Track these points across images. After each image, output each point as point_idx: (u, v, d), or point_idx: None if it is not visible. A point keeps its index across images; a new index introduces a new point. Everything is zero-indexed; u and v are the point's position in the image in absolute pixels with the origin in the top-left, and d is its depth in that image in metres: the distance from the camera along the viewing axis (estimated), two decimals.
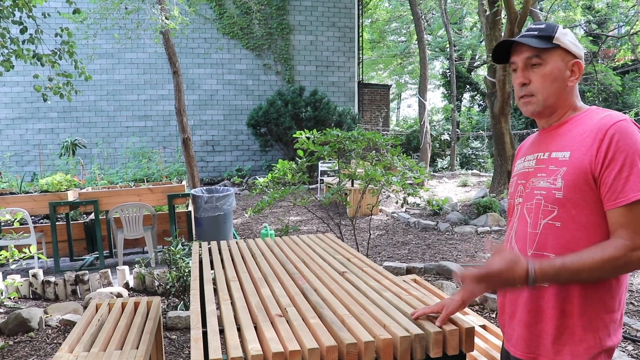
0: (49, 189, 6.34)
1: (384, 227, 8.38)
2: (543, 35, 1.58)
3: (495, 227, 7.63)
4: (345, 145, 5.01)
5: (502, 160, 9.39)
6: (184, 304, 4.59)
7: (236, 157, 14.35)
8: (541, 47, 1.57)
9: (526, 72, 1.62)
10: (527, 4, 8.05)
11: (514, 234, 1.67)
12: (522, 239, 1.62)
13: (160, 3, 8.61)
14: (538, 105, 1.61)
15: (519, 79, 1.63)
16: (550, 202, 1.52)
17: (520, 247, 1.61)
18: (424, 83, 14.09)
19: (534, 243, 1.57)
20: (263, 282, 2.28)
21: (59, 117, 13.21)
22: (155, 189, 6.54)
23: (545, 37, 1.58)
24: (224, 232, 6.84)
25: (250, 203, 10.62)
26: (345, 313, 1.83)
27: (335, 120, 12.88)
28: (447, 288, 4.77)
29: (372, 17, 25.81)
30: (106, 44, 12.90)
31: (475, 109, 24.18)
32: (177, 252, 4.55)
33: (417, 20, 14.57)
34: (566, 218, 1.50)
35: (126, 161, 12.98)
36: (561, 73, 1.58)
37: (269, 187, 5.16)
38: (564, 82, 1.59)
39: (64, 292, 5.18)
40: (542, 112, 1.63)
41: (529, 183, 1.63)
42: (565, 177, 1.50)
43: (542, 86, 1.59)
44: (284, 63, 14.27)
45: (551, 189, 1.52)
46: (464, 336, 1.68)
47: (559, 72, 1.58)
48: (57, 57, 5.78)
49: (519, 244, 1.62)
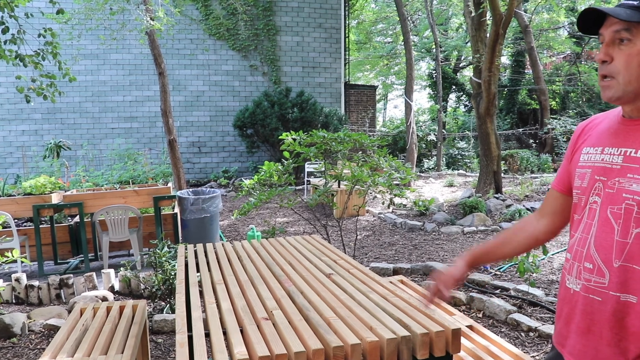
0: (32, 191, 6.27)
1: (370, 228, 8.38)
2: None
3: (481, 227, 7.66)
4: (332, 147, 5.01)
5: (488, 161, 9.43)
6: (170, 307, 4.56)
7: (223, 159, 14.30)
8: (633, 21, 1.30)
9: (611, 47, 1.37)
10: (511, 6, 8.11)
11: (593, 241, 1.43)
12: (606, 247, 1.38)
13: (145, 4, 8.56)
14: (617, 90, 1.37)
15: (600, 54, 1.39)
16: None
17: (604, 257, 1.38)
18: (410, 84, 14.12)
19: (623, 253, 1.34)
20: (249, 284, 2.27)
21: (43, 119, 13.08)
22: (140, 191, 6.50)
23: None
24: (210, 234, 6.81)
25: (237, 205, 10.58)
26: (331, 315, 1.82)
27: (322, 122, 12.87)
28: None
29: (358, 18, 25.86)
30: (91, 45, 12.80)
31: (461, 110, 24.31)
32: (163, 254, 4.52)
33: (403, 21, 14.60)
34: None
35: (112, 163, 12.88)
36: None
37: (255, 189, 5.14)
38: None
39: (48, 297, 5.12)
40: (622, 97, 1.38)
41: (614, 182, 1.40)
42: None
43: (626, 68, 1.34)
44: (271, 64, 14.24)
45: None
46: (450, 337, 1.68)
47: None
48: (41, 58, 5.72)
49: (601, 252, 1.39)
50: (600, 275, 1.38)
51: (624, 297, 1.33)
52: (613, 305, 1.36)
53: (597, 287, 1.39)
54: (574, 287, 1.47)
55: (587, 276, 1.42)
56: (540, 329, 3.89)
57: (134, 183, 8.89)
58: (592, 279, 1.40)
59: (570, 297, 1.49)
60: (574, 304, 1.48)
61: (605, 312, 1.38)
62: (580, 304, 1.45)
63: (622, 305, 1.34)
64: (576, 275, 1.46)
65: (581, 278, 1.44)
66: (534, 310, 4.44)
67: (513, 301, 4.60)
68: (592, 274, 1.40)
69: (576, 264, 1.48)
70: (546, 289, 5.00)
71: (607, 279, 1.36)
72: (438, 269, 5.46)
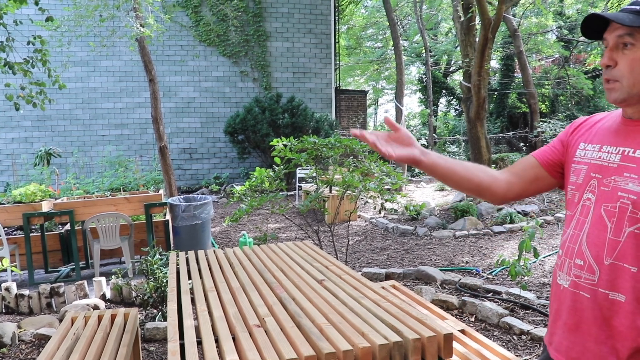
0: (22, 199, 6.23)
1: (362, 233, 8.39)
2: None
3: (472, 231, 7.68)
4: (322, 152, 5.01)
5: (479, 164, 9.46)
6: (162, 314, 4.54)
7: (214, 165, 14.28)
8: (636, 26, 1.33)
9: (615, 52, 1.40)
10: (500, 11, 8.16)
11: (585, 237, 1.44)
12: (598, 244, 1.40)
13: (135, 11, 8.55)
14: (622, 93, 1.39)
15: (603, 59, 1.42)
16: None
17: (595, 254, 1.40)
18: (401, 88, 14.19)
19: (615, 252, 1.36)
20: (241, 291, 2.27)
21: (33, 126, 13.02)
22: (132, 198, 6.47)
23: None
24: (202, 241, 6.79)
25: (228, 211, 10.56)
26: (323, 322, 1.82)
27: (313, 127, 12.89)
28: (426, 293, 4.79)
29: (348, 24, 25.94)
30: (81, 52, 12.76)
31: (452, 114, 24.42)
32: (154, 262, 4.51)
33: (392, 26, 14.68)
34: None
35: (102, 170, 12.82)
36: None
37: (246, 195, 5.14)
38: None
39: (39, 306, 5.08)
40: (626, 100, 1.40)
41: (609, 180, 1.42)
42: None
43: (630, 72, 1.36)
44: (261, 70, 14.25)
45: None
46: (442, 342, 1.68)
47: None
48: (30, 66, 5.70)
49: (592, 249, 1.40)
50: (591, 272, 1.39)
51: (613, 295, 1.34)
52: (601, 303, 1.37)
53: (586, 284, 1.40)
54: (564, 284, 1.48)
55: (577, 272, 1.43)
56: (532, 332, 3.91)
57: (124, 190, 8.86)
58: (582, 275, 1.41)
59: (560, 294, 1.50)
60: (563, 300, 1.50)
61: (593, 310, 1.39)
62: (568, 300, 1.47)
63: (611, 303, 1.35)
64: (567, 271, 1.47)
65: (571, 274, 1.45)
66: (526, 313, 4.45)
67: (505, 304, 4.62)
68: (582, 270, 1.41)
69: (567, 260, 1.49)
70: (538, 291, 5.02)
71: (597, 276, 1.37)
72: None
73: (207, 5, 13.62)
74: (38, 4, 5.60)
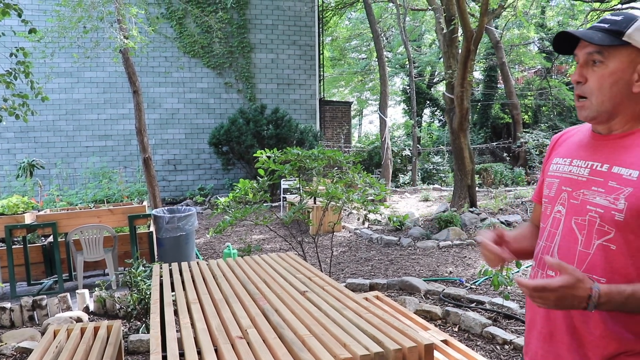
0: (4, 211, 6.18)
1: (346, 243, 8.41)
2: (613, 29, 1.37)
3: (456, 241, 7.74)
4: (306, 164, 5.04)
5: (462, 175, 9.55)
6: (146, 326, 4.52)
7: (198, 176, 14.24)
8: (604, 45, 1.36)
9: (585, 69, 1.43)
10: (482, 23, 8.27)
11: (557, 249, 1.48)
12: (568, 256, 1.44)
13: (119, 22, 8.55)
14: (591, 111, 1.43)
15: (574, 75, 1.45)
16: (607, 222, 1.36)
17: None
18: (385, 99, 14.28)
19: (584, 263, 1.39)
20: (224, 303, 2.28)
21: (15, 137, 12.91)
22: (115, 210, 6.44)
23: (614, 31, 1.36)
24: (186, 253, 6.77)
25: (212, 222, 10.54)
26: (305, 333, 1.84)
27: (297, 138, 12.92)
28: (409, 303, 4.81)
29: (332, 35, 26.08)
30: (65, 63, 12.70)
31: (436, 124, 24.59)
32: (138, 274, 4.49)
33: (376, 38, 14.79)
34: (621, 242, 1.34)
35: (86, 182, 12.75)
36: (624, 75, 1.37)
37: (230, 206, 5.14)
38: (627, 86, 1.37)
39: (21, 319, 5.03)
40: (596, 118, 1.44)
41: (578, 194, 1.45)
42: (630, 199, 1.32)
43: (598, 88, 1.40)
44: (245, 81, 14.27)
45: (610, 209, 1.35)
46: (423, 353, 1.70)
47: (622, 74, 1.37)
48: (13, 78, 5.67)
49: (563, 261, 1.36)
50: None
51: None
52: (573, 312, 1.42)
53: None
54: None
55: None
56: (515, 342, 3.94)
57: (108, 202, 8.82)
58: None
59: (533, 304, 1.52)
60: (537, 310, 1.54)
61: (566, 319, 1.44)
62: (542, 310, 1.51)
63: (582, 313, 1.40)
64: None
65: None
66: (509, 322, 4.50)
67: (488, 314, 4.66)
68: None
69: (540, 271, 1.54)
70: (520, 301, 5.07)
71: None
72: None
73: (191, 17, 13.64)
74: (21, 16, 5.58)
